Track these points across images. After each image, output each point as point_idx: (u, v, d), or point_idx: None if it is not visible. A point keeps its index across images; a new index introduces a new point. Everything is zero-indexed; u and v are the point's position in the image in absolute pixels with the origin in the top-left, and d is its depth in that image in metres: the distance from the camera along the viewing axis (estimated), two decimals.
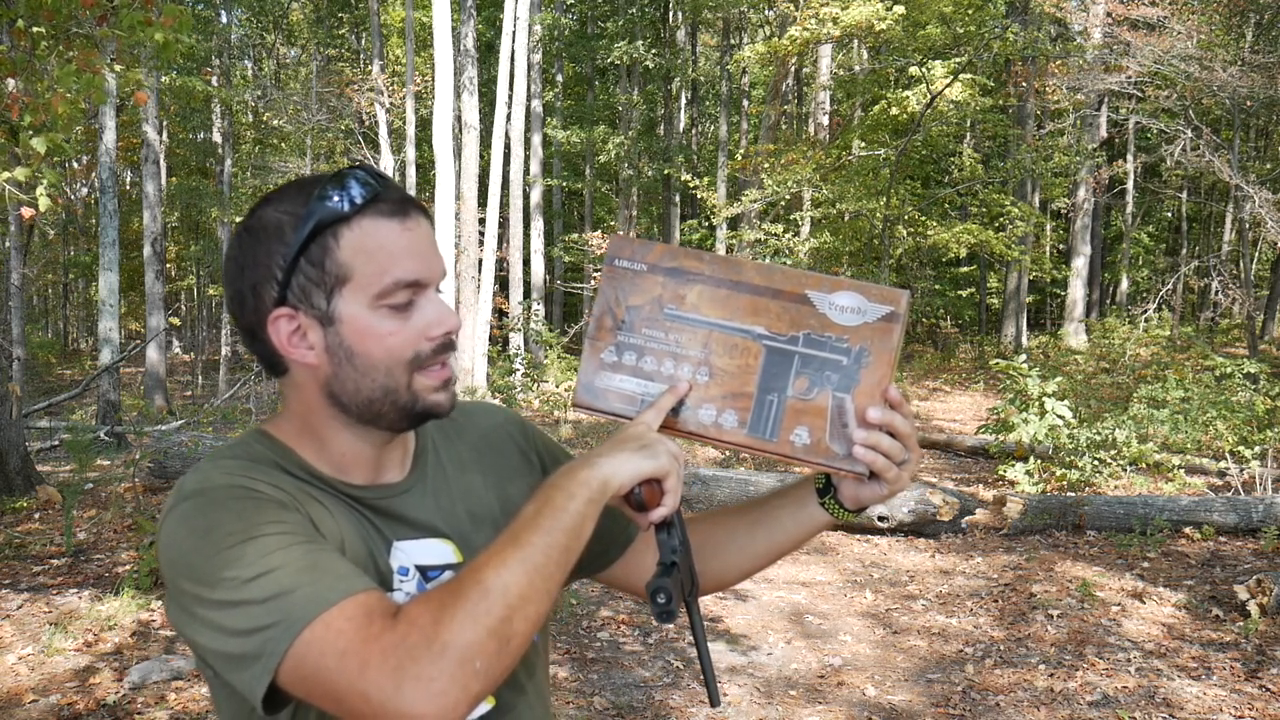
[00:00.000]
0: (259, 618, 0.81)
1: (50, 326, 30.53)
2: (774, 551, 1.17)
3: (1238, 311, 21.71)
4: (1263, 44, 16.81)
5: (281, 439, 0.99)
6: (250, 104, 21.91)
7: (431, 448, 1.08)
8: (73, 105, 4.44)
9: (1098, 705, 3.91)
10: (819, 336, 0.99)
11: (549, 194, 24.76)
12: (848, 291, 1.00)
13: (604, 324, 1.03)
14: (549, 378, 14.39)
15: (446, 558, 1.01)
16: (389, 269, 0.91)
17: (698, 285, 1.02)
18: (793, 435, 1.00)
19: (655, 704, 3.88)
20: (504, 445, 1.15)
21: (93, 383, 11.16)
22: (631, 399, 1.02)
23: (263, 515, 0.86)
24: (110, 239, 12.24)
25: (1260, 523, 6.40)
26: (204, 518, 0.87)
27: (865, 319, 0.99)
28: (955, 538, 6.55)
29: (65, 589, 5.17)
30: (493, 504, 1.08)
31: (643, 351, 1.02)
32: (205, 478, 0.91)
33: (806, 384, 0.99)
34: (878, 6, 14.35)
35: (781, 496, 1.16)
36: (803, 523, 1.14)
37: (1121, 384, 13.17)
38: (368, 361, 0.93)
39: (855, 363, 0.99)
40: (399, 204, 0.93)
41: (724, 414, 1.01)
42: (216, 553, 0.84)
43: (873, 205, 16.53)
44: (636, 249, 1.04)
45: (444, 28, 13.88)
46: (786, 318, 1.00)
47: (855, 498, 1.08)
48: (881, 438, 0.98)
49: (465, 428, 1.13)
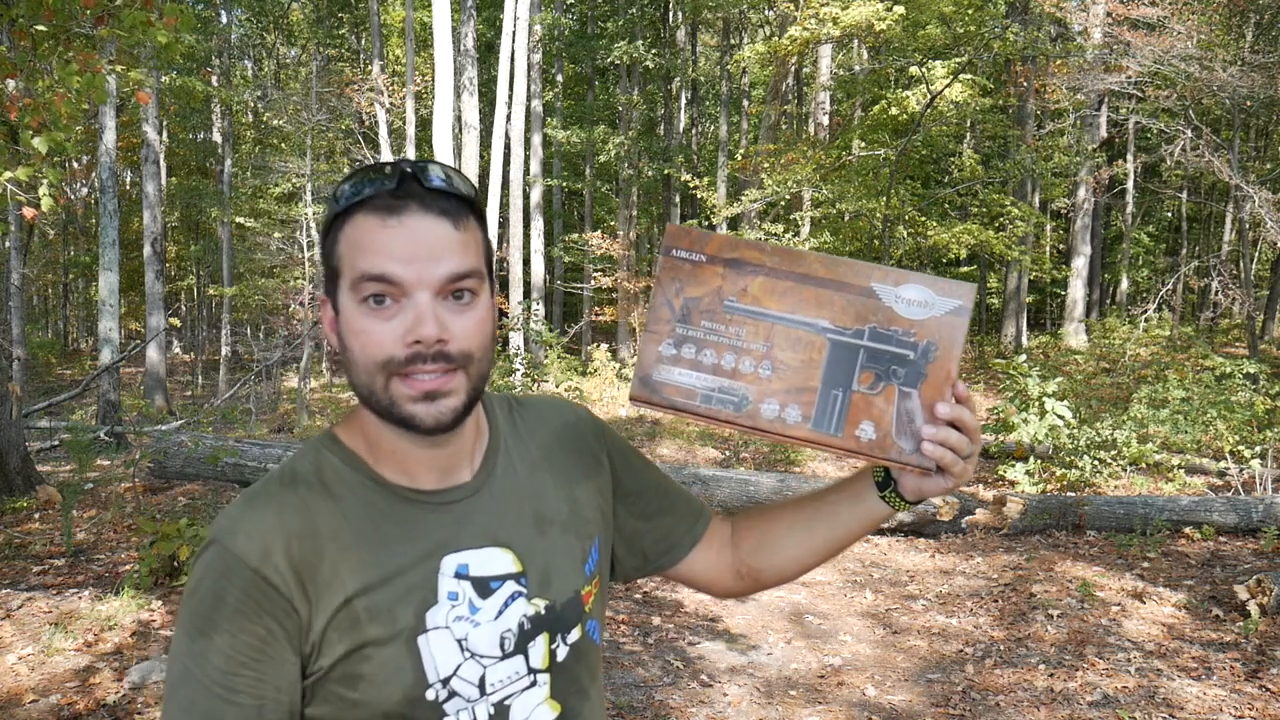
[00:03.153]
0: (170, 690, 0.92)
1: (50, 326, 30.52)
2: (833, 545, 1.16)
3: (1238, 311, 21.72)
4: (1263, 44, 16.81)
5: (349, 443, 1.01)
6: (250, 104, 21.91)
7: (504, 447, 1.08)
8: (74, 106, 4.43)
9: (1098, 705, 3.91)
10: (885, 330, 0.98)
11: (549, 194, 24.76)
12: (914, 284, 0.98)
13: (662, 316, 1.00)
14: (549, 378, 14.38)
15: (507, 567, 1.01)
16: (358, 261, 0.92)
17: (759, 277, 1.00)
18: (858, 430, 0.98)
19: (655, 704, 3.88)
20: (576, 444, 1.14)
21: (93, 383, 11.16)
22: (691, 393, 0.99)
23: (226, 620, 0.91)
24: (110, 239, 12.24)
25: (1260, 523, 6.41)
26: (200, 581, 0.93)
27: (932, 313, 0.98)
28: (955, 538, 6.55)
29: (65, 589, 5.17)
30: (561, 506, 1.08)
31: (702, 345, 0.99)
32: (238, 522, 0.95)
33: (872, 378, 0.98)
34: (878, 6, 14.35)
35: (840, 490, 1.15)
36: (862, 516, 1.13)
37: (1121, 384, 13.17)
38: (351, 356, 0.94)
39: (922, 357, 0.98)
40: (391, 203, 0.92)
41: (788, 409, 0.98)
42: (183, 624, 0.93)
43: (873, 205, 16.52)
44: (695, 239, 1.01)
45: (444, 28, 13.88)
46: (851, 311, 0.98)
47: (917, 490, 1.07)
48: (950, 433, 0.97)
49: (536, 425, 1.13)
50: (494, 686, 0.98)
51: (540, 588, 1.02)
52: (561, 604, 1.04)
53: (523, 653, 1.00)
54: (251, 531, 0.93)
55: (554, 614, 1.03)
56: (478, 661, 0.97)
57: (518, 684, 1.00)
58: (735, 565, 1.21)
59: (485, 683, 0.98)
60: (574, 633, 1.05)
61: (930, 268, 22.60)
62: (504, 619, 0.99)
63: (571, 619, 1.05)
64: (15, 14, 4.38)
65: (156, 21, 4.49)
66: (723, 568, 1.22)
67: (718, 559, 1.22)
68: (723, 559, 1.22)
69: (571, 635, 1.04)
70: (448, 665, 0.96)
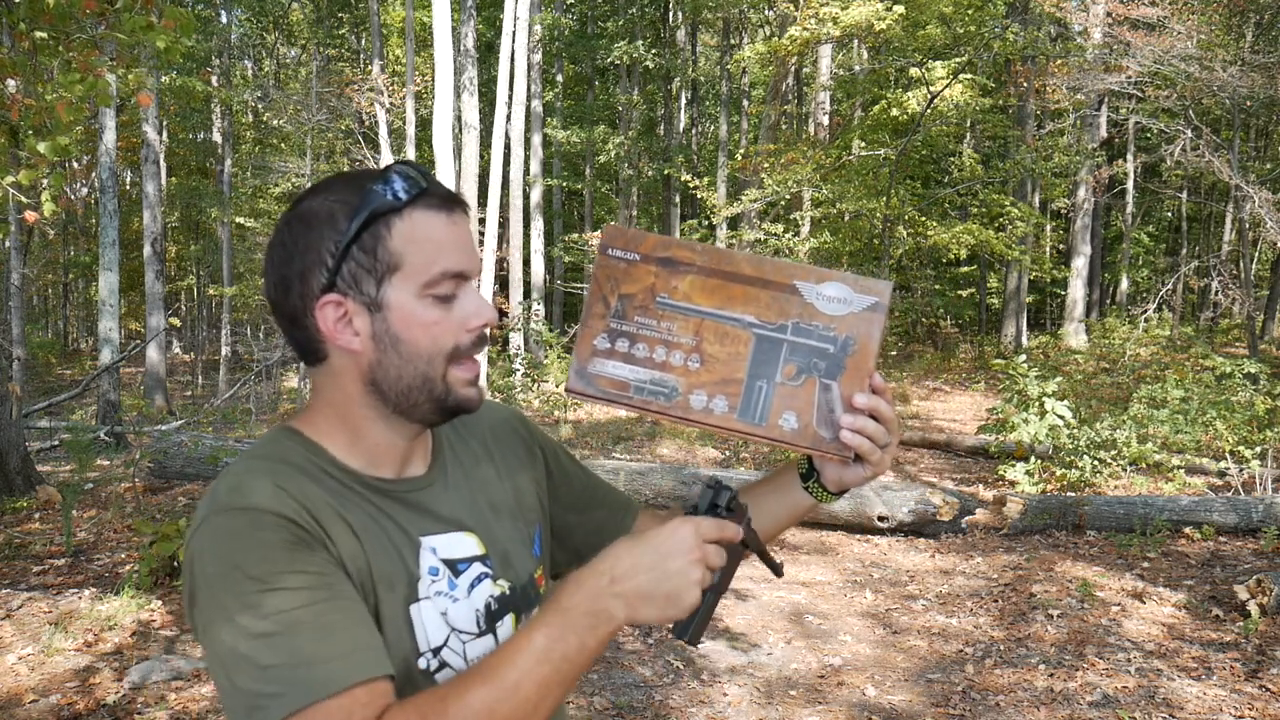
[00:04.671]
0: (257, 682, 0.82)
1: (50, 326, 30.52)
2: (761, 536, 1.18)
3: (1238, 311, 21.72)
4: (1263, 44, 16.81)
5: (311, 435, 1.00)
6: (250, 104, 21.90)
7: (447, 444, 1.11)
8: (76, 109, 4.43)
9: (1098, 705, 3.92)
10: (807, 325, 1.03)
11: (549, 194, 24.76)
12: (835, 282, 1.04)
13: (597, 312, 1.05)
14: (549, 378, 14.39)
15: (472, 550, 1.04)
16: (437, 259, 0.95)
17: (690, 275, 1.04)
18: (781, 420, 1.02)
19: (655, 704, 3.88)
20: (509, 438, 1.19)
21: (93, 383, 11.16)
22: (624, 385, 1.03)
23: (287, 562, 0.86)
24: (110, 239, 12.23)
25: (1260, 523, 6.41)
26: (230, 547, 0.87)
27: (851, 309, 1.03)
28: (955, 538, 6.55)
29: (65, 589, 5.17)
30: (507, 495, 1.13)
31: (635, 339, 1.04)
32: (239, 490, 0.91)
33: (794, 370, 1.03)
34: (878, 6, 14.35)
35: (766, 484, 1.20)
36: (789, 506, 1.18)
37: (1121, 384, 13.17)
38: (412, 349, 0.96)
39: (841, 350, 1.03)
40: (445, 199, 0.97)
41: (714, 399, 1.03)
42: (235, 594, 0.85)
43: (873, 205, 16.52)
44: (630, 239, 1.06)
45: (444, 28, 13.89)
46: (776, 307, 1.03)
47: (838, 480, 1.13)
48: (867, 422, 1.02)
49: (473, 423, 1.16)
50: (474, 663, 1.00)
51: (503, 569, 1.06)
52: (521, 585, 1.08)
53: (492, 632, 1.03)
54: (262, 491, 0.90)
55: (517, 594, 1.07)
56: (459, 637, 1.00)
57: None
58: None
59: (468, 659, 1.00)
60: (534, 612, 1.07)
61: (931, 267, 22.61)
62: (474, 597, 1.02)
63: (532, 599, 1.09)
64: (16, 18, 4.38)
65: (157, 24, 4.48)
66: None
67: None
68: None
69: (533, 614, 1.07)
70: (438, 636, 0.98)
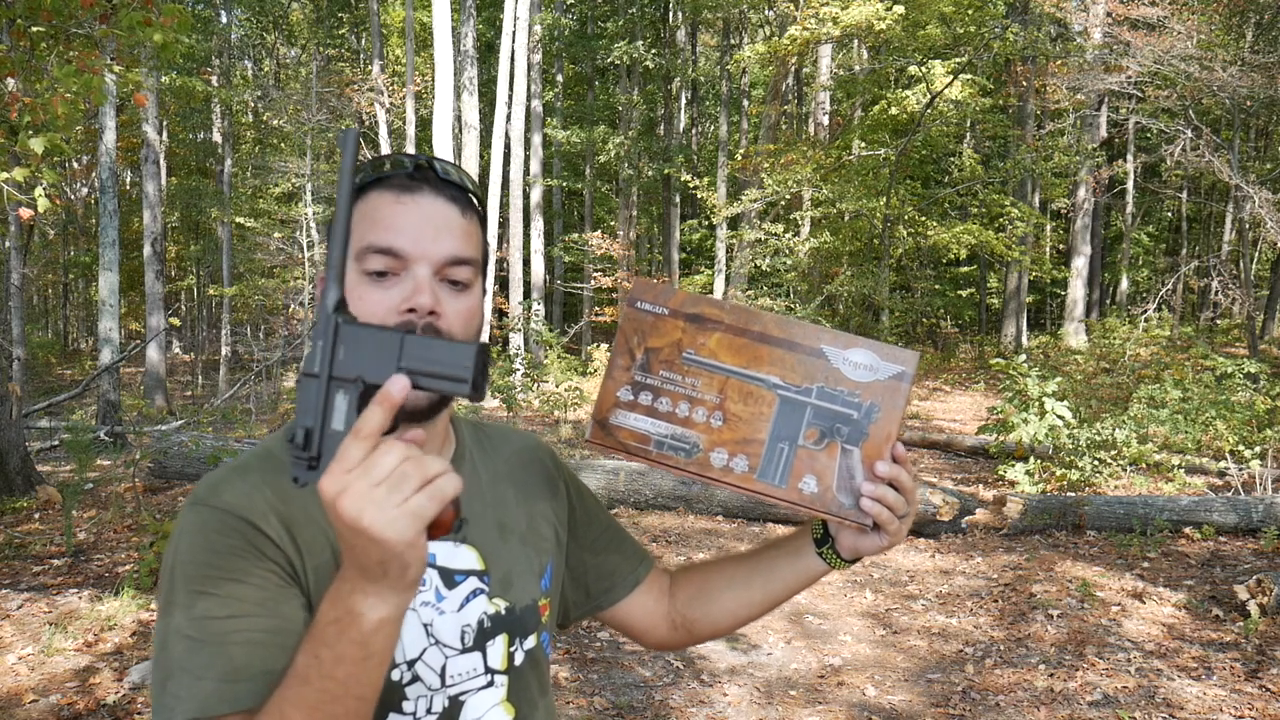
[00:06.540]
0: (169, 679, 0.85)
1: (50, 326, 30.52)
2: (770, 600, 1.19)
3: (1238, 311, 21.72)
4: (1263, 44, 16.81)
5: None
6: (250, 104, 21.92)
7: (469, 455, 1.10)
8: (73, 106, 4.43)
9: (1098, 705, 3.91)
10: (832, 390, 1.03)
11: (549, 194, 24.76)
12: (861, 349, 1.03)
13: (621, 364, 1.05)
14: (549, 378, 14.39)
15: (471, 564, 1.03)
16: (366, 234, 0.94)
17: (717, 333, 1.04)
18: (801, 483, 1.02)
19: (655, 704, 3.88)
20: (533, 466, 1.18)
21: (93, 383, 11.15)
22: (645, 439, 1.03)
23: (228, 569, 0.87)
24: (110, 239, 12.23)
25: (1260, 523, 6.40)
26: (189, 542, 0.89)
27: (877, 376, 1.03)
28: (955, 538, 6.55)
29: (65, 589, 5.17)
30: (521, 519, 1.11)
31: (658, 393, 1.04)
32: (215, 488, 0.93)
33: (817, 435, 1.02)
34: (878, 6, 14.35)
35: (779, 546, 1.18)
36: (800, 572, 1.16)
37: (1121, 384, 13.17)
38: None
39: (865, 417, 1.02)
40: (406, 183, 0.95)
41: (735, 458, 1.03)
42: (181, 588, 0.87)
43: (873, 205, 16.53)
44: (659, 293, 1.06)
45: (444, 28, 13.89)
46: (801, 369, 1.03)
47: (854, 548, 1.10)
48: (887, 491, 1.01)
49: (500, 444, 1.16)
50: (453, 679, 0.99)
51: (501, 588, 1.05)
52: (521, 608, 1.06)
53: (480, 650, 1.02)
54: (237, 490, 0.92)
55: (513, 616, 1.05)
56: (440, 650, 0.99)
57: (474, 681, 1.01)
58: (671, 615, 1.24)
59: (446, 673, 0.99)
60: (530, 639, 1.07)
61: (931, 267, 22.61)
62: (465, 612, 1.01)
63: (530, 625, 1.07)
64: (14, 14, 4.37)
65: (155, 21, 4.48)
66: (659, 616, 1.25)
67: (655, 606, 1.25)
68: (659, 607, 1.25)
69: (529, 642, 1.06)
70: (414, 648, 0.97)
